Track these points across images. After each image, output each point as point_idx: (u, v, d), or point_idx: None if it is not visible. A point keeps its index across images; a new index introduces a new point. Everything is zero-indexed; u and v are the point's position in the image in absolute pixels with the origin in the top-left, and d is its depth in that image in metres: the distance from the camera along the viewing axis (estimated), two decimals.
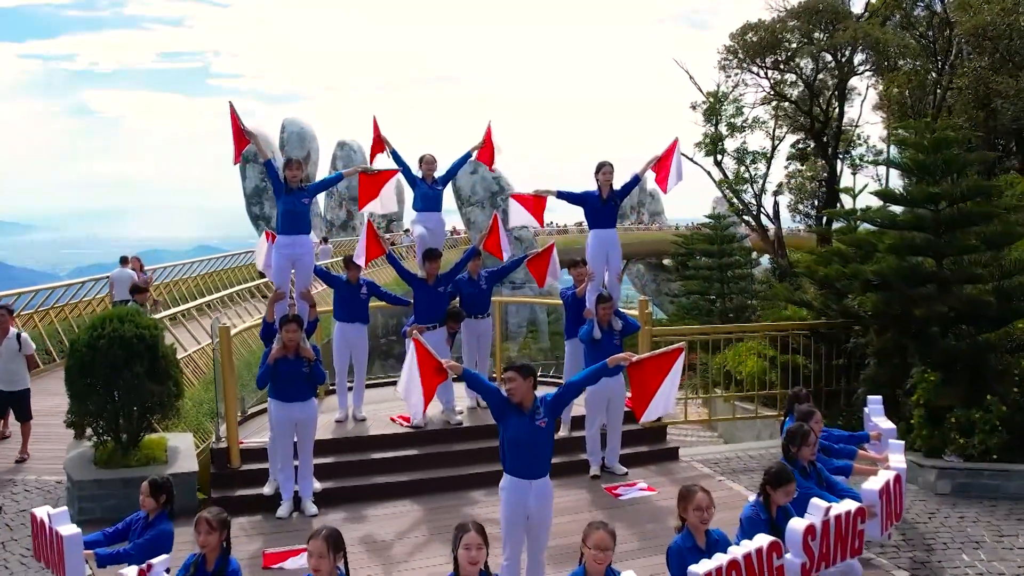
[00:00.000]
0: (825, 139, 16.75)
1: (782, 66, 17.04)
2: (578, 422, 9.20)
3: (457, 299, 9.77)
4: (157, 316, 10.80)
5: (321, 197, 48.99)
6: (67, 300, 17.98)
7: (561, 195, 9.33)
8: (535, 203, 9.45)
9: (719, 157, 26.32)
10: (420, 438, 8.93)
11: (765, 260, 28.62)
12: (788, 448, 5.80)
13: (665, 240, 79.01)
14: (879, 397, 7.66)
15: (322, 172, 47.34)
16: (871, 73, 15.69)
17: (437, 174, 9.75)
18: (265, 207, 40.67)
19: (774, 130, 25.97)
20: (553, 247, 10.23)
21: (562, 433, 9.10)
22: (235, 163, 8.45)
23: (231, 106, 8.19)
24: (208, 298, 17.66)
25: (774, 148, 26.32)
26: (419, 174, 9.70)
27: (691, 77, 27.11)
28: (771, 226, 25.18)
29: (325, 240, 29.23)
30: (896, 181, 27.10)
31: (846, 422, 9.49)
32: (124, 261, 18.22)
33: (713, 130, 26.14)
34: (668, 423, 9.92)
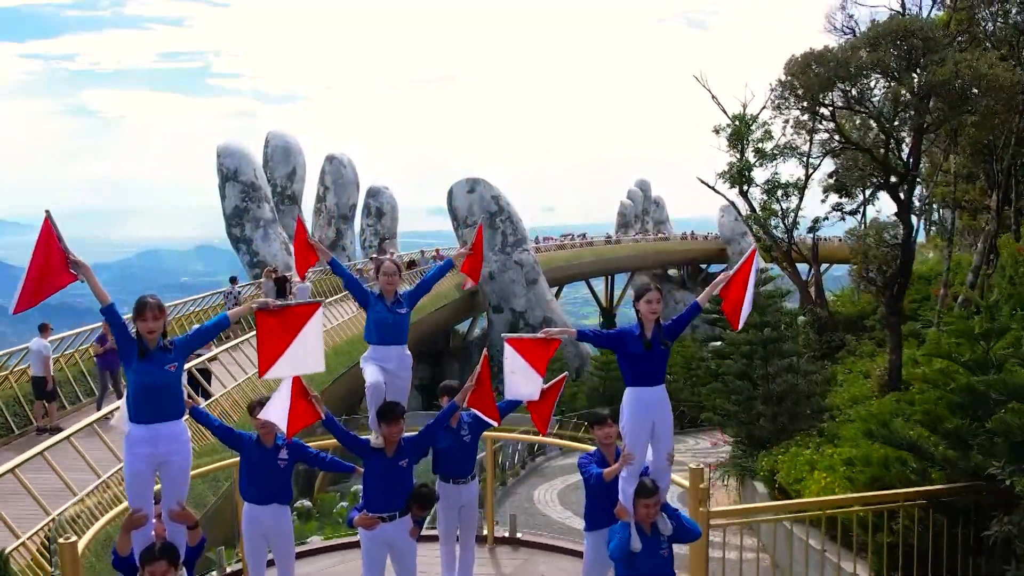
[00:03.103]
0: (901, 194, 13.83)
1: (856, 106, 14.06)
2: None
3: (431, 455, 6.87)
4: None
5: (308, 215, 46.00)
6: None
7: (584, 336, 6.33)
8: (541, 351, 6.39)
9: (745, 187, 23.36)
10: None
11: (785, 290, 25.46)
12: None
13: (671, 251, 76.83)
14: None
15: (310, 189, 44.39)
16: (944, 112, 12.84)
17: (403, 288, 6.85)
18: (246, 229, 37.72)
19: (808, 157, 22.99)
20: (563, 383, 7.22)
21: None
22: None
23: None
24: None
25: (808, 176, 23.34)
26: (374, 289, 6.78)
27: (714, 97, 24.16)
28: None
29: (303, 278, 26.20)
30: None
31: None
32: (43, 330, 15.33)
33: (738, 158, 23.15)
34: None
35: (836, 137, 15.39)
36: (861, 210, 21.62)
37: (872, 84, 13.77)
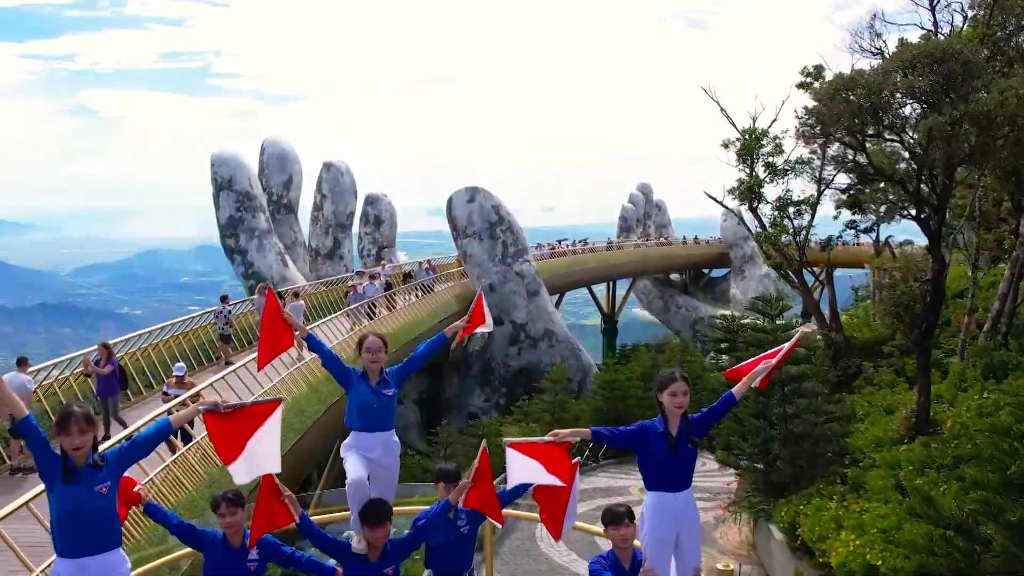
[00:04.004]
0: (932, 226, 12.94)
1: (887, 134, 13.13)
2: None
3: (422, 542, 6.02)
4: None
5: (304, 222, 45.12)
6: None
7: (600, 436, 5.47)
8: (550, 451, 5.49)
9: (755, 203, 22.50)
10: None
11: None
12: None
13: (674, 255, 75.91)
14: None
15: (306, 198, 43.49)
16: (978, 138, 11.96)
17: (390, 366, 6.01)
18: (241, 239, 36.81)
19: (820, 172, 22.14)
20: (576, 471, 6.34)
21: None
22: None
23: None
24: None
25: (820, 192, 22.49)
26: (356, 367, 5.96)
27: (723, 110, 23.30)
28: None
29: (296, 295, 25.31)
30: None
31: None
32: (21, 363, 14.46)
33: (748, 173, 22.29)
34: None
35: (868, 169, 14.47)
36: (876, 228, 20.78)
37: (906, 112, 12.92)
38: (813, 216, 21.99)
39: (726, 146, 22.57)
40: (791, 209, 21.47)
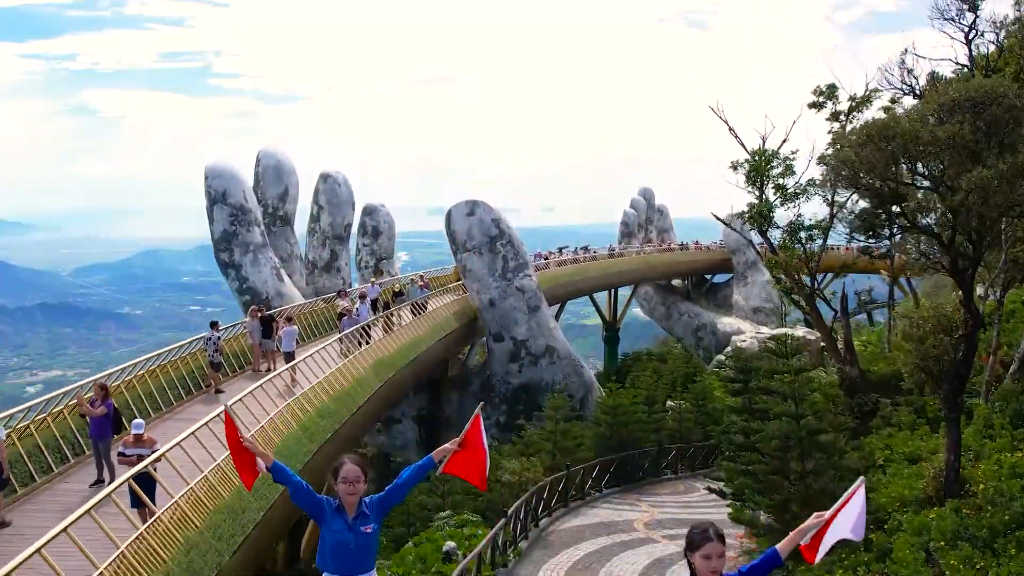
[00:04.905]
0: (965, 276, 12.15)
1: (923, 183, 12.27)
2: None
3: None
4: None
5: (301, 235, 44.32)
6: None
7: None
8: None
9: (765, 227, 21.66)
10: None
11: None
12: None
13: (678, 262, 75.04)
14: None
15: (303, 210, 42.62)
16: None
17: (369, 494, 5.23)
18: (235, 254, 35.97)
19: (833, 196, 21.30)
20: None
21: None
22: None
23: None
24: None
25: (833, 215, 21.63)
26: (332, 499, 5.16)
27: (731, 129, 22.48)
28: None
29: (290, 320, 24.46)
30: None
31: None
32: None
33: (758, 196, 21.45)
34: None
35: (900, 220, 13.62)
36: (892, 254, 19.92)
37: (944, 160, 12.01)
38: (825, 240, 21.15)
39: (735, 168, 21.75)
40: (804, 235, 20.64)
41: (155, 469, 12.01)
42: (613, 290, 69.58)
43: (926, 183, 12.41)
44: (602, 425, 26.17)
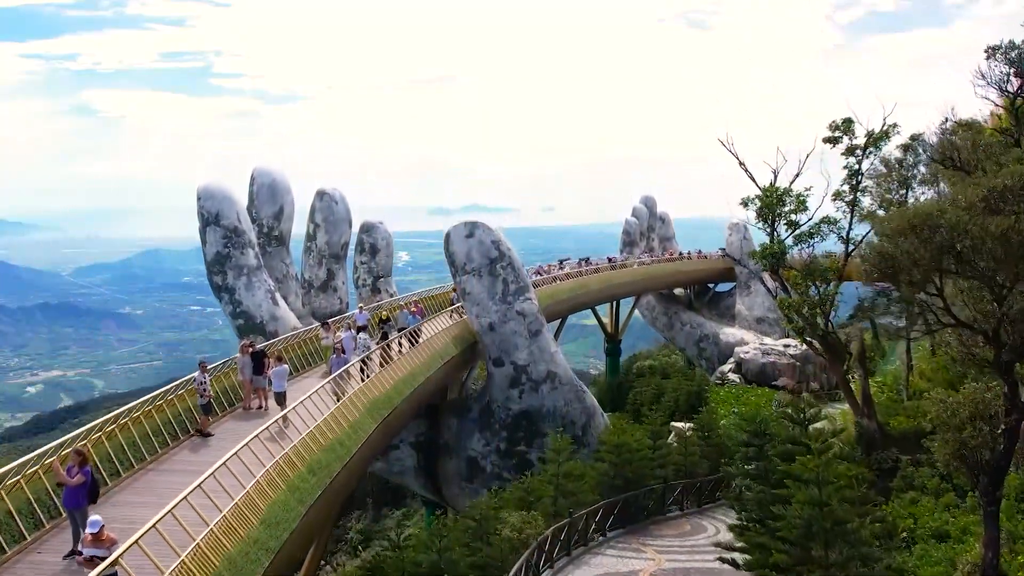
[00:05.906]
0: (1012, 370, 11.29)
1: (968, 274, 11.31)
2: None
3: None
4: None
5: (297, 254, 43.39)
6: None
7: None
8: None
9: (778, 267, 20.73)
10: None
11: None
12: None
13: (681, 272, 74.12)
14: None
15: (299, 229, 41.61)
16: None
17: None
18: (229, 277, 35.00)
19: (848, 232, 20.37)
20: None
21: None
22: None
23: None
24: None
25: (848, 254, 20.71)
26: None
27: (742, 164, 21.56)
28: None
29: (280, 359, 23.48)
30: None
31: None
32: None
33: (770, 235, 20.52)
34: None
35: (940, 316, 12.62)
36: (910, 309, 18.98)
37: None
38: (840, 282, 20.24)
39: (745, 204, 20.83)
40: (818, 276, 19.73)
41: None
42: (614, 301, 68.61)
43: (971, 277, 11.49)
44: (606, 463, 25.26)
